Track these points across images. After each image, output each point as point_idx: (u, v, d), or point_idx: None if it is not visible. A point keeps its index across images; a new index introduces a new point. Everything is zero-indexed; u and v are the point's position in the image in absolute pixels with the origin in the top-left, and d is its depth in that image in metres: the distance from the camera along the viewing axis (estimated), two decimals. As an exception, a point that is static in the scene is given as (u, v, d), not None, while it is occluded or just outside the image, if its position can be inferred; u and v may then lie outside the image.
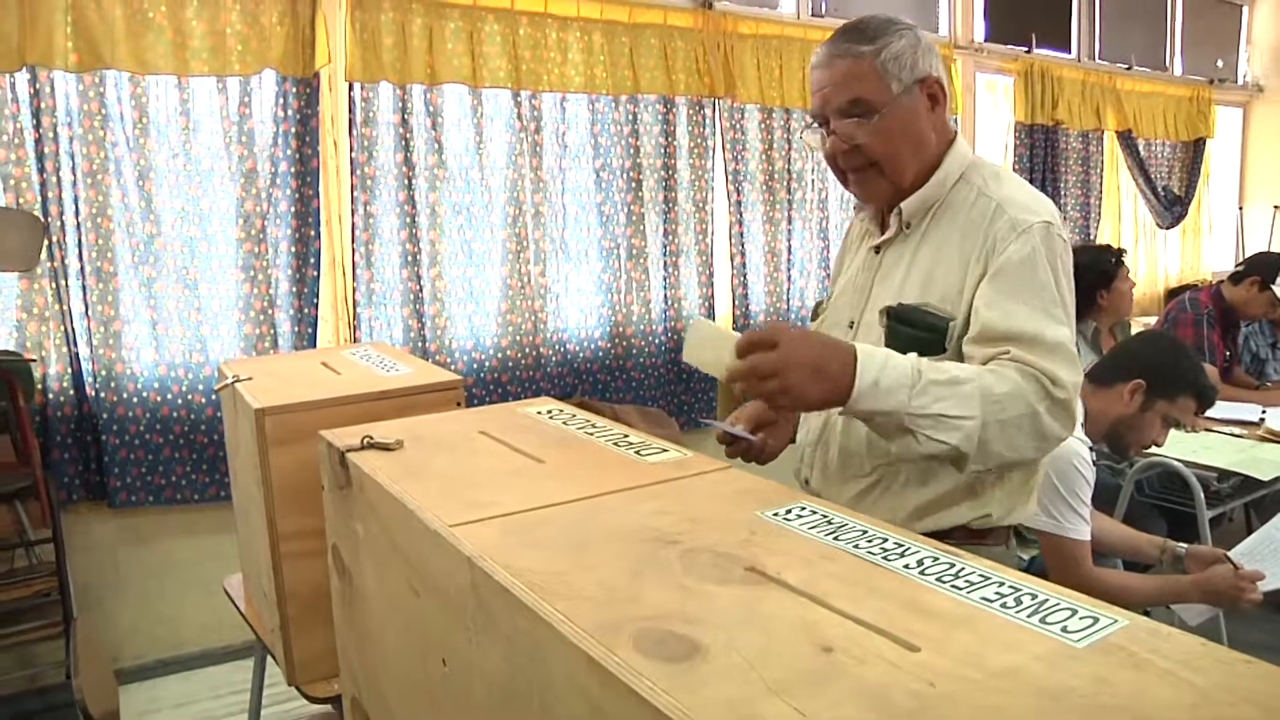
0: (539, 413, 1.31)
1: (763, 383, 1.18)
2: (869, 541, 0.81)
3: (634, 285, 3.86)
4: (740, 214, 4.12)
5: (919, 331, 1.36)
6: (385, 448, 1.13)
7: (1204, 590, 2.04)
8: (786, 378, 1.16)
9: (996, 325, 1.29)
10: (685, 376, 4.01)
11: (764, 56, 4.09)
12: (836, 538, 0.82)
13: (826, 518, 0.87)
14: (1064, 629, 0.64)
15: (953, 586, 0.71)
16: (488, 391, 3.54)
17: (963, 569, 0.74)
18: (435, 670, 0.91)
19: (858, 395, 1.19)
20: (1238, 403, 3.45)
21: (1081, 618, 0.66)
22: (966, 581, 0.72)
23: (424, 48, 3.28)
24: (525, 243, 3.58)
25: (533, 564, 0.77)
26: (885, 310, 1.42)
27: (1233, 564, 2.05)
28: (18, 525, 2.71)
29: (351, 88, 3.18)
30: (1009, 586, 0.71)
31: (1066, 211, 5.43)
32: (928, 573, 0.74)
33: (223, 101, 2.98)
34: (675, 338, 3.95)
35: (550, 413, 1.31)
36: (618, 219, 3.80)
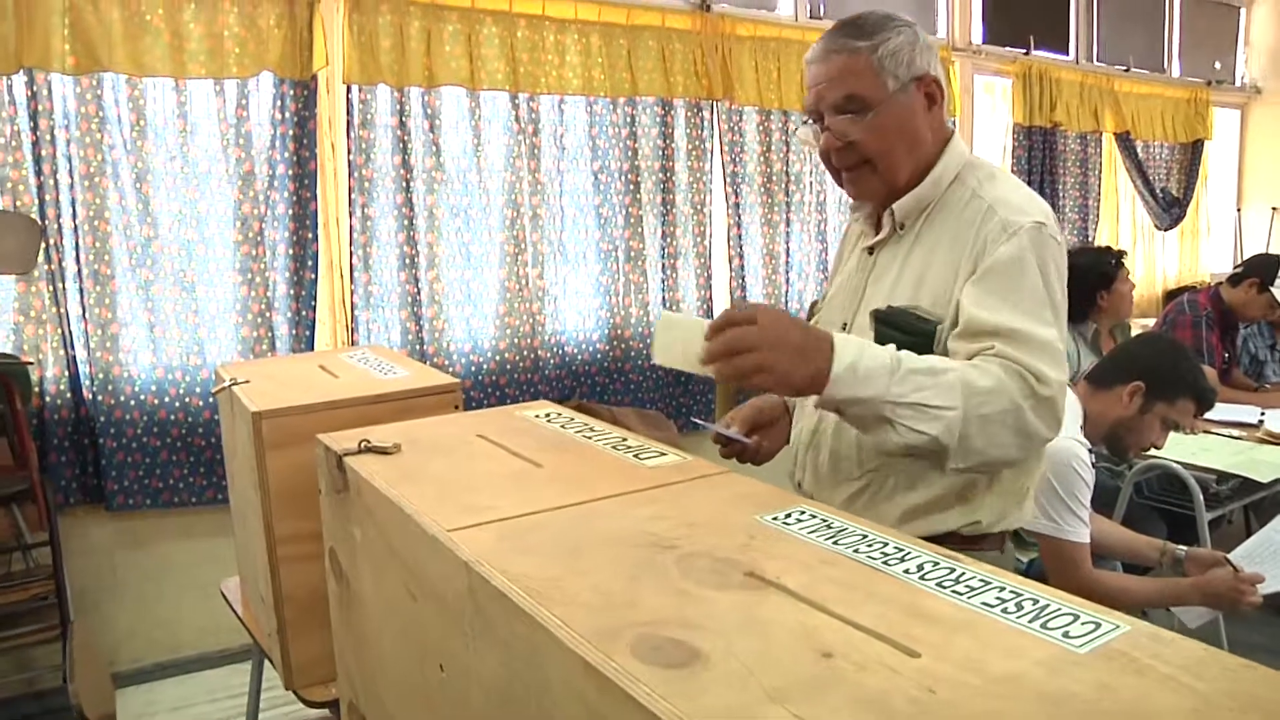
0: (537, 416, 1.31)
1: (740, 358, 1.13)
2: (869, 546, 0.80)
3: (632, 287, 3.85)
4: (738, 216, 4.12)
5: (906, 335, 1.33)
6: (383, 451, 1.13)
7: (1204, 593, 2.04)
8: (765, 354, 1.13)
9: (982, 320, 1.26)
10: (683, 379, 4.00)
11: (762, 59, 4.09)
12: (836, 542, 0.81)
13: (826, 522, 0.86)
14: (1065, 634, 0.64)
15: (953, 592, 0.71)
16: (486, 394, 3.54)
17: (963, 574, 0.74)
18: (433, 675, 0.91)
19: (834, 380, 1.15)
20: (1237, 404, 3.45)
21: (1083, 623, 0.65)
22: (967, 586, 0.71)
23: (422, 50, 3.27)
24: (523, 245, 3.58)
25: (530, 569, 0.77)
26: (873, 313, 1.40)
27: (1232, 566, 2.05)
28: (14, 528, 2.70)
29: (349, 90, 3.18)
30: (1010, 591, 0.70)
31: (1065, 213, 5.43)
32: (928, 578, 0.73)
33: (220, 104, 2.98)
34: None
35: (548, 416, 1.30)
36: (616, 221, 3.80)
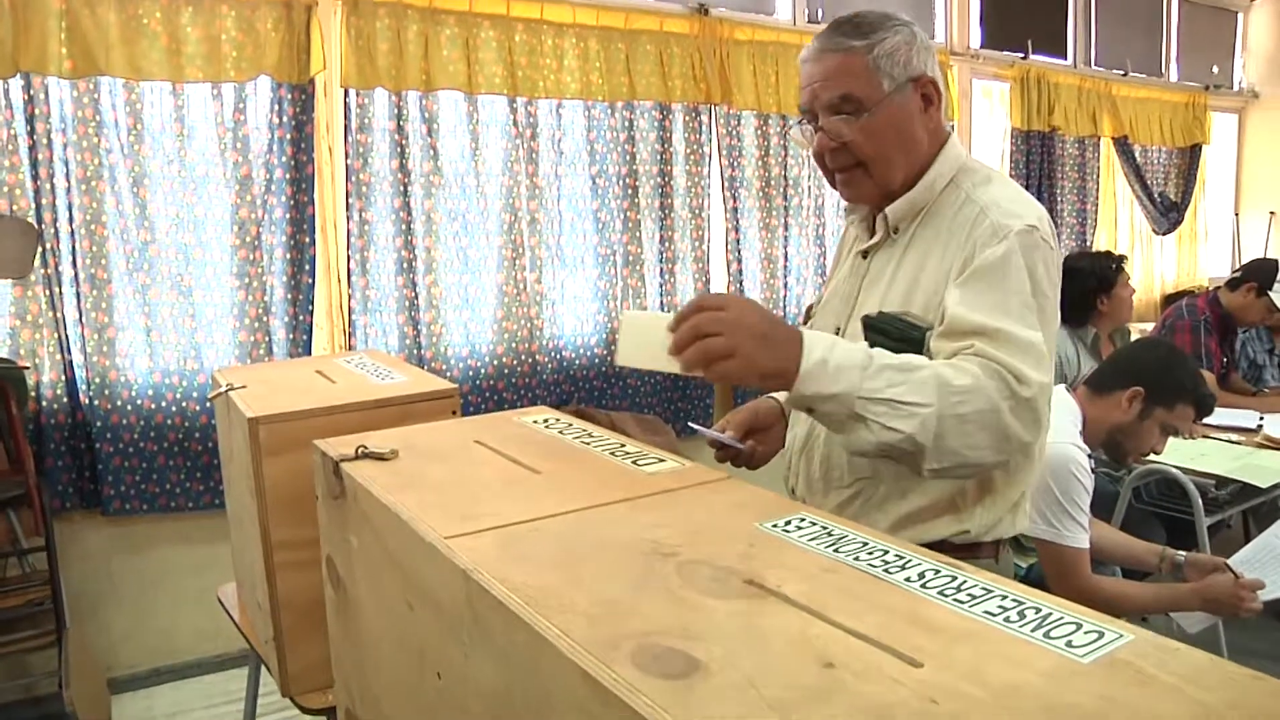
0: (535, 422, 1.30)
1: (707, 342, 1.10)
2: (870, 554, 0.80)
3: (630, 292, 3.85)
4: (736, 220, 4.12)
5: (896, 342, 1.30)
6: (380, 457, 1.12)
7: (1203, 598, 2.03)
8: (733, 337, 1.10)
9: (963, 319, 1.24)
10: (682, 384, 4.00)
11: (760, 63, 4.09)
12: (837, 550, 0.81)
13: (826, 529, 0.86)
14: (1069, 644, 0.63)
15: (955, 600, 0.70)
16: (484, 399, 3.53)
17: (965, 582, 0.73)
18: (430, 683, 0.90)
19: (804, 375, 1.13)
20: (1235, 409, 3.45)
21: (1086, 632, 0.64)
22: (969, 595, 0.71)
23: (419, 54, 3.27)
24: (521, 249, 3.57)
25: (528, 577, 0.76)
26: (863, 319, 1.38)
27: (1232, 572, 2.05)
28: (10, 533, 2.69)
29: (347, 94, 3.17)
30: (1012, 600, 0.70)
31: (1063, 218, 5.43)
32: (929, 586, 0.73)
33: (217, 108, 2.98)
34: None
35: (546, 422, 1.30)
36: (614, 226, 3.79)
